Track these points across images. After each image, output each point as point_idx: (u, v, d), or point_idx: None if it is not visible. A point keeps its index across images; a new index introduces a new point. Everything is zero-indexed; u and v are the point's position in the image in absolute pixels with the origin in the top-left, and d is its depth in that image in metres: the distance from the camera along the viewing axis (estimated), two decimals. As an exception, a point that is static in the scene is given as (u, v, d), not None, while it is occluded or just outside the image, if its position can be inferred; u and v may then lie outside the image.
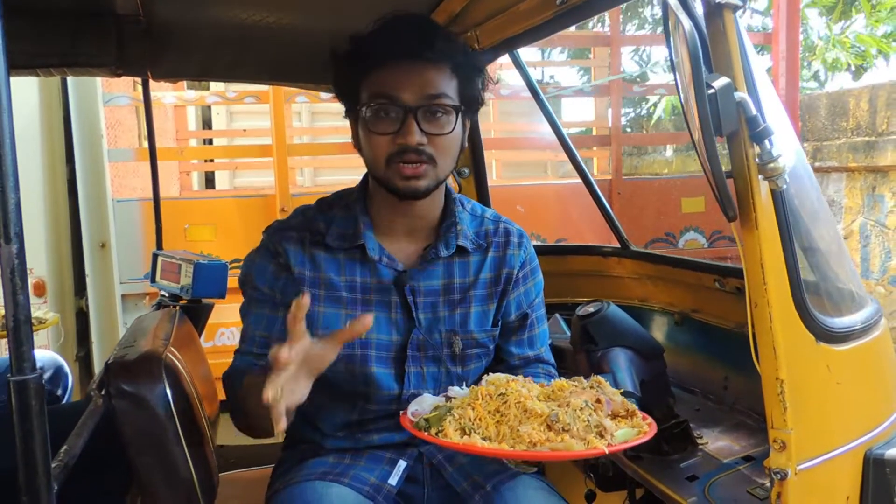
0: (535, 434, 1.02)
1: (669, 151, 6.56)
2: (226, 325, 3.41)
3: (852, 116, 4.52)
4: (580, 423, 1.03)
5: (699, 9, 0.95)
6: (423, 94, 1.21)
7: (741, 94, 0.91)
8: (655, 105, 8.40)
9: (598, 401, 1.07)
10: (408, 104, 1.20)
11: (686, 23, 0.85)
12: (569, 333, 1.74)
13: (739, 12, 0.92)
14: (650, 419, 1.13)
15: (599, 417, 1.05)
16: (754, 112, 0.91)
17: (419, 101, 1.20)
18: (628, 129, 8.87)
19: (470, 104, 1.29)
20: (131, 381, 1.12)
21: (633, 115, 9.60)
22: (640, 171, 6.83)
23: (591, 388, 1.11)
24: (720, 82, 0.88)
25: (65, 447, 0.91)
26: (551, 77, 9.24)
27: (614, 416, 1.09)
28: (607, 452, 1.02)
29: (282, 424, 0.95)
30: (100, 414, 1.07)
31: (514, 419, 1.05)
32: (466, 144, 1.35)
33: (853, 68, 7.99)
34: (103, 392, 1.10)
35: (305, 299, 1.01)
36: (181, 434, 1.16)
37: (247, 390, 1.16)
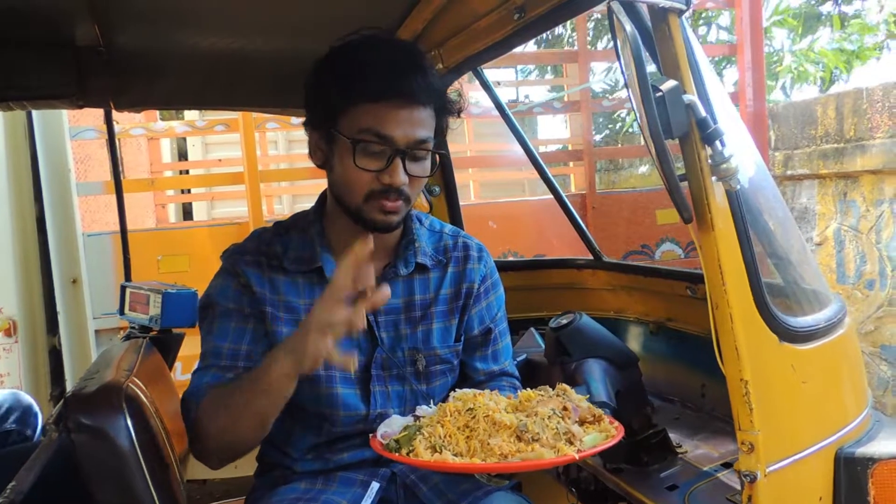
0: (505, 446, 1.01)
1: (645, 167, 6.61)
2: (202, 356, 3.34)
3: (820, 124, 4.58)
4: (549, 431, 1.02)
5: (646, 15, 0.95)
6: (415, 137, 1.19)
7: (690, 97, 0.92)
8: (627, 119, 8.50)
9: (566, 408, 1.07)
10: (399, 146, 1.18)
11: (628, 26, 0.86)
12: (543, 347, 1.73)
13: (685, 15, 0.93)
14: (617, 423, 1.13)
15: (567, 424, 1.05)
16: (704, 114, 0.91)
17: (409, 145, 1.19)
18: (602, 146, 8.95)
19: (440, 139, 1.28)
20: (90, 413, 1.07)
21: (608, 132, 9.71)
22: (618, 186, 6.87)
23: (557, 396, 1.11)
24: (667, 85, 0.89)
25: (12, 483, 0.87)
26: (526, 96, 9.32)
27: (582, 423, 1.09)
28: (578, 458, 1.01)
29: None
30: (53, 449, 1.03)
31: (483, 433, 1.04)
32: None
33: (819, 80, 8.14)
34: (60, 426, 1.06)
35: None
36: (145, 468, 1.11)
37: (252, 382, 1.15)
